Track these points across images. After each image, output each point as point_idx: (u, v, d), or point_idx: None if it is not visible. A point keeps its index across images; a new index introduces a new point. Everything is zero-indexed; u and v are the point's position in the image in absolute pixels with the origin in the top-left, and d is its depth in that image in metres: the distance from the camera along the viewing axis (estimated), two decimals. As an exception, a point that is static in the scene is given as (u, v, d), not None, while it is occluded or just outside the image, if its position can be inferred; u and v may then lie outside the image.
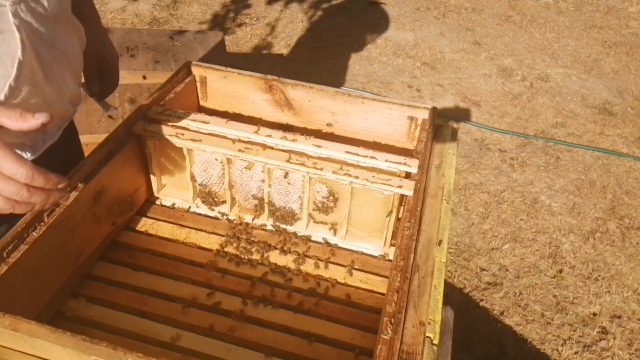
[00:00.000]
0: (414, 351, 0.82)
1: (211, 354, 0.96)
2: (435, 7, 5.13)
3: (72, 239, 1.02)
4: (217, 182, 1.24)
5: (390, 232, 1.17)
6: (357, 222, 1.19)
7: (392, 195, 1.11)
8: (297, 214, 1.22)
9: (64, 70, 1.12)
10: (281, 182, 1.18)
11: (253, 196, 1.23)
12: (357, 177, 1.10)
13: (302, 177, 1.15)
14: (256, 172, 1.18)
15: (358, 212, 1.17)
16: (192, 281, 1.10)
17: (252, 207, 1.24)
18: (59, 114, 1.16)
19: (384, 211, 1.14)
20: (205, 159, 1.21)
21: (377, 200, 1.13)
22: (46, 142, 1.16)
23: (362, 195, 1.14)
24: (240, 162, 1.18)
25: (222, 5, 4.75)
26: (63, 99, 1.15)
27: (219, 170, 1.21)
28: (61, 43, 1.09)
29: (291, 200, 1.20)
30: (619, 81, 4.32)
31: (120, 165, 1.15)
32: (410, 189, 1.08)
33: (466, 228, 2.92)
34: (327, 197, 1.17)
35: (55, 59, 1.08)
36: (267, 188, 1.19)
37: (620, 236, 2.96)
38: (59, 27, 1.08)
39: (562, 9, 5.34)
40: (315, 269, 1.15)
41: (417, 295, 0.91)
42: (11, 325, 0.76)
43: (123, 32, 3.03)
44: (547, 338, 2.41)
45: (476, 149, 3.49)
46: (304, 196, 1.18)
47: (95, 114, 2.31)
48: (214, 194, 1.25)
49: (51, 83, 1.08)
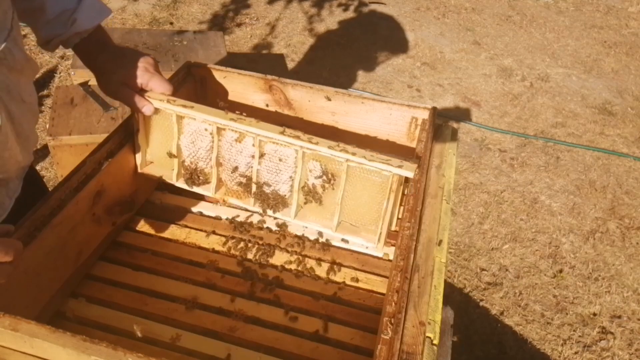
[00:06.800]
0: (414, 351, 0.82)
1: (211, 354, 0.96)
2: (435, 7, 5.13)
3: (72, 239, 1.02)
4: (205, 157, 1.17)
5: (386, 226, 1.10)
6: (350, 211, 1.12)
7: (390, 177, 1.03)
8: (287, 198, 1.14)
9: (31, 123, 1.09)
10: (272, 158, 1.11)
11: (240, 174, 1.15)
12: (354, 154, 1.04)
13: (295, 152, 1.08)
14: (246, 145, 1.12)
15: (352, 198, 1.10)
16: (192, 281, 1.10)
17: (239, 189, 1.17)
18: (22, 164, 1.11)
19: (380, 198, 1.07)
20: (194, 129, 1.14)
21: (374, 186, 1.06)
22: (12, 197, 1.11)
23: (358, 179, 1.07)
24: (230, 133, 1.12)
25: (222, 5, 4.75)
26: (30, 151, 1.12)
27: (207, 143, 1.15)
28: (26, 95, 1.05)
29: (281, 180, 1.12)
30: (619, 81, 4.32)
31: (120, 165, 1.15)
32: (411, 170, 1.01)
33: (466, 228, 2.92)
34: (321, 176, 1.09)
35: (24, 115, 1.04)
36: (257, 165, 1.12)
37: (620, 236, 2.96)
38: (22, 77, 1.04)
39: (562, 9, 5.34)
40: (315, 269, 1.15)
41: (417, 295, 0.91)
42: (11, 325, 0.76)
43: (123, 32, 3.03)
44: (547, 338, 2.41)
45: (476, 149, 3.49)
46: (296, 176, 1.11)
47: (95, 114, 2.31)
48: (200, 171, 1.19)
49: (21, 141, 1.04)
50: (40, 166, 2.90)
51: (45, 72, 3.62)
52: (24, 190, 1.14)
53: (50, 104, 2.95)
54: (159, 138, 1.19)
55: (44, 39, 1.12)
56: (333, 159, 1.07)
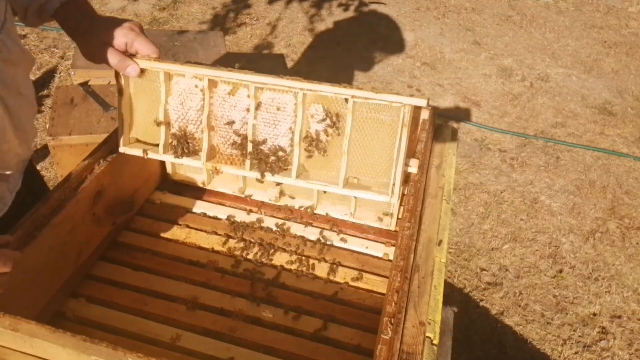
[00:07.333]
0: (414, 351, 0.82)
1: (211, 354, 0.96)
2: (435, 7, 5.13)
3: (72, 239, 1.02)
4: (195, 119, 1.07)
5: (400, 174, 0.98)
6: (358, 162, 1.02)
7: (401, 109, 0.93)
8: (287, 155, 1.04)
9: (29, 116, 1.07)
10: (269, 108, 1.02)
11: (235, 132, 1.05)
12: (361, 89, 0.95)
13: (294, 98, 1.00)
14: (241, 98, 1.03)
15: (360, 147, 1.00)
16: (192, 281, 1.10)
17: (233, 153, 1.07)
18: (22, 157, 1.10)
19: (391, 142, 0.97)
20: (183, 88, 1.06)
21: (383, 127, 0.97)
22: (12, 191, 1.10)
23: (366, 121, 0.98)
24: (223, 86, 1.04)
25: (222, 5, 4.75)
26: (29, 145, 1.10)
27: (197, 102, 1.06)
28: (23, 87, 1.03)
29: (280, 132, 1.03)
30: (619, 81, 4.32)
31: (120, 165, 1.15)
32: (424, 100, 0.93)
33: (466, 228, 2.92)
34: (324, 119, 1.00)
35: (22, 107, 1.02)
36: (253, 120, 1.03)
37: (620, 236, 2.96)
38: (18, 70, 1.02)
39: (562, 9, 5.34)
40: (315, 269, 1.15)
41: (417, 295, 0.91)
42: (11, 325, 0.76)
43: (123, 32, 3.02)
44: (547, 338, 2.41)
45: (476, 149, 3.49)
46: (296, 126, 1.01)
47: (95, 114, 2.31)
48: (190, 137, 1.08)
49: (20, 134, 1.03)
50: (40, 166, 2.90)
51: (45, 72, 3.62)
52: (25, 189, 1.14)
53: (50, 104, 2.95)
54: (144, 106, 1.09)
55: (23, 5, 1.06)
56: (336, 98, 0.98)
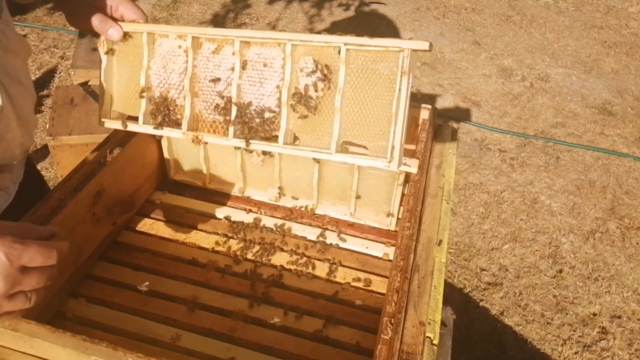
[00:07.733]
0: (414, 351, 0.83)
1: (211, 354, 0.96)
2: (435, 7, 5.13)
3: (72, 239, 1.02)
4: (177, 84, 1.03)
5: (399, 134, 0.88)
6: (352, 123, 0.92)
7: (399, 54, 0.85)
8: (274, 117, 0.96)
9: (30, 105, 1.07)
10: (255, 65, 0.96)
11: (218, 94, 0.99)
12: (354, 36, 0.88)
13: (282, 52, 0.93)
14: (226, 55, 0.98)
15: (354, 105, 0.91)
16: (192, 281, 1.10)
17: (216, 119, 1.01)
18: (25, 147, 1.09)
19: (389, 97, 0.87)
20: (167, 50, 1.03)
21: (380, 79, 0.88)
22: (16, 182, 1.10)
23: (361, 74, 0.89)
24: (208, 45, 0.99)
25: (222, 5, 4.75)
26: (30, 134, 1.10)
27: (181, 64, 1.02)
28: (23, 76, 1.03)
29: (267, 91, 0.96)
30: (619, 81, 4.32)
31: (120, 165, 1.15)
32: (425, 43, 0.84)
33: (466, 228, 2.92)
34: (314, 71, 0.91)
35: (23, 96, 1.02)
36: (237, 80, 0.97)
37: (620, 236, 2.96)
38: (18, 59, 1.02)
39: (562, 9, 5.34)
40: (315, 269, 1.15)
41: (417, 295, 0.92)
42: (11, 325, 0.76)
43: (123, 32, 3.02)
44: (547, 338, 2.41)
45: (476, 149, 3.49)
46: (284, 83, 0.94)
47: (95, 114, 2.30)
48: (171, 103, 1.03)
49: (22, 123, 1.03)
50: (40, 166, 2.90)
51: (45, 72, 3.62)
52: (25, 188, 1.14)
53: (50, 104, 2.95)
54: (126, 75, 1.06)
55: None
56: (328, 48, 0.90)
